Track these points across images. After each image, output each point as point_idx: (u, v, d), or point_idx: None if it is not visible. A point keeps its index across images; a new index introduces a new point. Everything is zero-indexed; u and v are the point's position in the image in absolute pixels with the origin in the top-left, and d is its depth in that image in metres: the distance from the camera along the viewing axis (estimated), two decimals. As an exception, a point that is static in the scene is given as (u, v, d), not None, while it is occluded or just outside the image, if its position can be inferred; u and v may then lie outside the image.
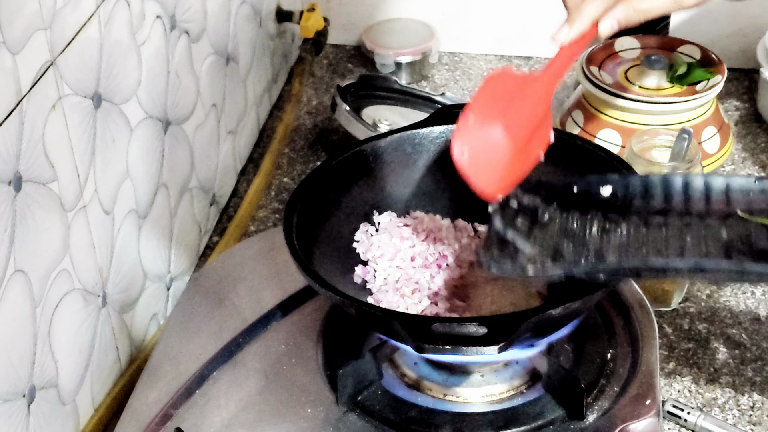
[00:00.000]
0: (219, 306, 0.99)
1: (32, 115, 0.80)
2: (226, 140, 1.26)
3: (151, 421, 0.87)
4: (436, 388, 0.88)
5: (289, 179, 1.31)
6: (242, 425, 0.86)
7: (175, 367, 0.92)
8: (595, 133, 1.21)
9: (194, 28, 1.13)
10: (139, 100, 0.99)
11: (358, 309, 0.82)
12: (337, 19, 1.58)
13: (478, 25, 1.53)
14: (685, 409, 0.95)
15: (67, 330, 0.88)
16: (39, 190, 0.82)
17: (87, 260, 0.91)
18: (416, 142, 0.99)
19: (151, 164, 1.03)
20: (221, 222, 1.25)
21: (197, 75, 1.14)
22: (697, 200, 0.85)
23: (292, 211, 0.89)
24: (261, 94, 1.40)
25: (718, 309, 1.09)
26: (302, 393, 0.88)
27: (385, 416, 0.86)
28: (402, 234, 0.96)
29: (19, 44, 0.77)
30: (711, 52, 1.25)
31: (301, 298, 0.98)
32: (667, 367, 1.02)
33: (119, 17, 0.93)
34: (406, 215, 0.99)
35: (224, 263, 1.05)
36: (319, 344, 0.93)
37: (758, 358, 1.03)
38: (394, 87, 1.38)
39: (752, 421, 0.96)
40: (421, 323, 0.79)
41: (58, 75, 0.83)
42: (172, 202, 1.09)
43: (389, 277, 0.93)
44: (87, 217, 0.90)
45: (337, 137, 1.39)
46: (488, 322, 0.78)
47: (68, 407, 0.89)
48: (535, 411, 0.86)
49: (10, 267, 0.78)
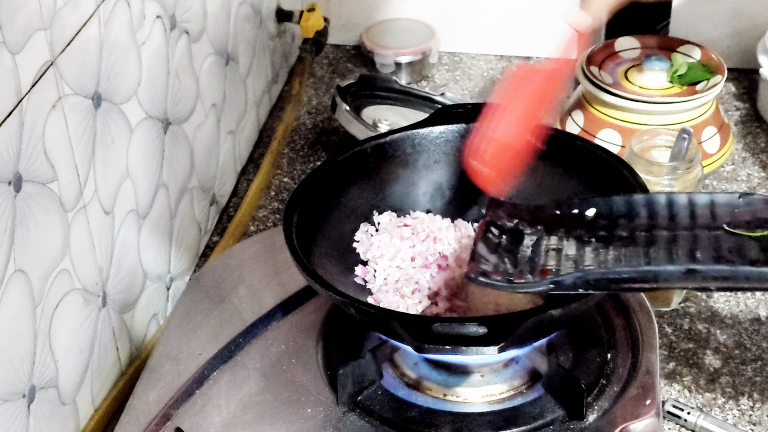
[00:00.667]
0: (219, 306, 0.99)
1: (32, 115, 0.80)
2: (226, 140, 1.26)
3: (151, 421, 0.87)
4: (436, 388, 0.88)
5: (289, 179, 1.31)
6: (242, 425, 0.86)
7: (175, 367, 0.92)
8: (595, 133, 1.21)
9: (194, 28, 1.13)
10: (139, 100, 0.99)
11: (358, 309, 0.82)
12: (337, 19, 1.58)
13: (478, 25, 1.53)
14: (685, 409, 0.95)
15: (67, 330, 0.88)
16: (39, 190, 0.82)
17: (87, 260, 0.91)
18: (416, 142, 0.99)
19: (151, 164, 1.03)
20: (221, 222, 1.25)
21: (197, 75, 1.14)
22: (682, 217, 0.85)
23: (292, 211, 0.89)
24: (261, 94, 1.40)
25: (718, 309, 1.09)
26: (302, 393, 0.88)
27: (385, 416, 0.86)
28: (402, 234, 0.96)
29: (19, 44, 0.77)
30: (711, 52, 1.25)
31: (301, 298, 0.98)
32: (667, 367, 1.02)
33: (119, 17, 0.93)
34: (406, 215, 0.99)
35: (224, 263, 1.05)
36: (319, 344, 0.93)
37: (758, 358, 1.03)
38: (394, 87, 1.37)
39: (752, 421, 0.96)
40: (421, 323, 0.79)
41: (58, 75, 0.83)
42: (172, 202, 1.09)
43: (389, 277, 0.93)
44: (87, 217, 0.90)
45: (337, 137, 1.39)
46: (488, 322, 0.78)
47: (68, 407, 0.89)
48: (535, 411, 0.86)
49: (10, 267, 0.78)
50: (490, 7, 1.52)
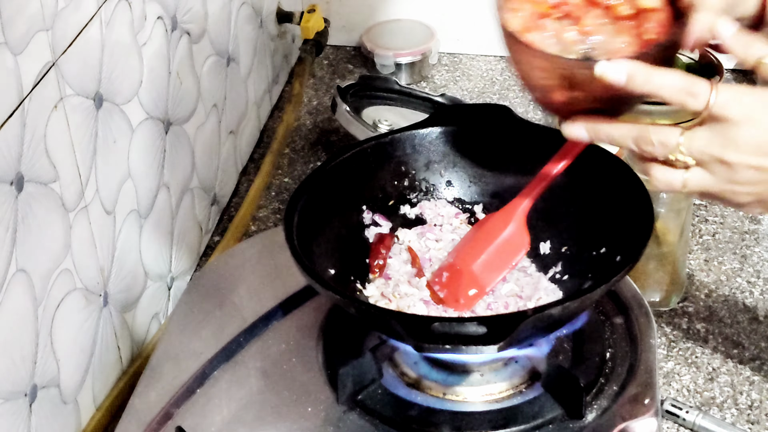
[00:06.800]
0: (220, 305, 0.99)
1: (34, 116, 0.80)
2: (227, 140, 1.26)
3: (152, 420, 0.88)
4: (435, 387, 0.89)
5: (289, 179, 1.32)
6: (243, 424, 0.86)
7: (176, 366, 0.93)
8: (595, 134, 1.21)
9: (195, 28, 1.13)
10: (140, 100, 0.99)
11: (358, 309, 0.83)
12: (338, 20, 1.58)
13: (478, 25, 1.53)
14: (683, 408, 0.95)
15: (69, 329, 0.88)
16: (41, 190, 0.82)
17: (88, 260, 0.91)
18: (416, 142, 0.99)
19: (152, 164, 1.03)
20: (222, 222, 1.25)
21: (198, 75, 1.15)
22: None
23: (293, 211, 0.89)
24: (262, 94, 1.40)
25: (716, 308, 1.09)
26: (303, 392, 0.89)
27: (385, 415, 0.86)
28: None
29: (21, 45, 0.78)
30: (710, 53, 1.25)
31: (302, 297, 0.98)
32: (665, 367, 1.02)
33: (120, 18, 0.94)
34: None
35: (225, 263, 1.06)
36: (319, 343, 0.94)
37: (756, 357, 1.03)
38: (394, 88, 1.38)
39: (750, 420, 0.97)
40: (421, 323, 0.80)
41: (59, 75, 0.83)
42: (173, 202, 1.09)
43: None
44: (88, 217, 0.90)
45: (337, 137, 1.39)
46: (488, 321, 0.78)
47: (70, 406, 0.90)
48: (534, 410, 0.86)
49: (12, 267, 0.78)
50: (489, 8, 1.52)
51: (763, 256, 1.16)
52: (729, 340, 1.05)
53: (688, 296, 1.10)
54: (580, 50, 0.83)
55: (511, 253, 0.92)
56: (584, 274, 0.91)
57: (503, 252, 0.92)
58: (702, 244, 1.18)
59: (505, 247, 0.92)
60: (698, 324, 1.07)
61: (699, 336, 1.06)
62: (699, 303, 1.10)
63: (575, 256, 0.94)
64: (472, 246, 0.93)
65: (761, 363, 1.02)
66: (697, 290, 1.11)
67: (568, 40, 0.83)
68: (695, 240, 1.18)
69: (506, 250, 0.92)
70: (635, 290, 0.98)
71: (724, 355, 1.03)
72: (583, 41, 0.83)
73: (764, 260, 1.15)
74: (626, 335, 0.93)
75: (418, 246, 0.97)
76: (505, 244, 0.92)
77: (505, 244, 0.92)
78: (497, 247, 0.92)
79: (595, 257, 0.91)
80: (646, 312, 0.95)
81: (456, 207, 1.00)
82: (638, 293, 0.97)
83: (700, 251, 1.17)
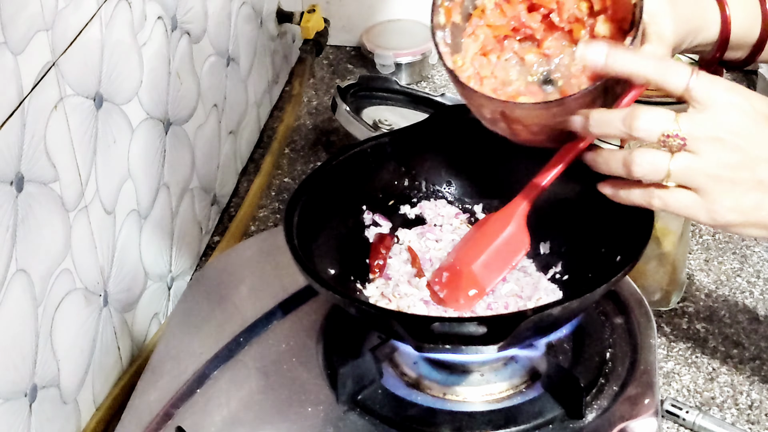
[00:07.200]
0: (220, 305, 0.99)
1: (34, 116, 0.80)
2: (227, 140, 1.26)
3: (152, 420, 0.88)
4: (435, 387, 0.89)
5: (289, 179, 1.32)
6: (243, 424, 0.86)
7: (176, 366, 0.93)
8: (595, 134, 1.21)
9: (195, 28, 1.13)
10: (140, 100, 0.99)
11: (358, 309, 0.83)
12: (338, 20, 1.58)
13: (478, 25, 1.53)
14: (683, 408, 0.95)
15: (69, 329, 0.88)
16: (41, 190, 0.82)
17: (88, 260, 0.91)
18: (416, 143, 0.99)
19: (152, 164, 1.04)
20: (222, 222, 1.25)
21: (198, 75, 1.15)
22: None
23: (293, 211, 0.89)
24: (262, 94, 1.40)
25: (716, 308, 1.09)
26: (303, 392, 0.89)
27: (385, 415, 0.86)
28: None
29: (21, 45, 0.78)
30: (710, 53, 1.25)
31: (302, 297, 0.98)
32: (665, 367, 1.02)
33: (120, 18, 0.94)
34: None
35: (225, 263, 1.06)
36: (319, 343, 0.94)
37: (756, 357, 1.03)
38: (394, 88, 1.38)
39: (750, 420, 0.97)
40: (421, 323, 0.80)
41: (59, 75, 0.83)
42: (173, 202, 1.10)
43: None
44: (88, 217, 0.90)
45: (337, 137, 1.39)
46: (488, 321, 0.78)
47: (70, 406, 0.90)
48: (534, 410, 0.86)
49: (12, 267, 0.78)
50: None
51: (763, 256, 1.16)
52: (729, 340, 1.05)
53: (688, 296, 1.10)
54: (541, 72, 0.87)
55: (511, 253, 0.92)
56: (584, 275, 0.91)
57: (503, 252, 0.92)
58: (702, 244, 1.18)
59: (505, 247, 0.91)
60: (698, 324, 1.07)
61: (699, 336, 1.06)
62: (699, 303, 1.10)
63: (575, 256, 0.94)
64: (472, 246, 0.93)
65: (761, 363, 1.02)
66: (697, 290, 1.11)
67: (529, 63, 0.87)
68: (695, 240, 1.18)
69: (506, 250, 0.92)
70: (635, 290, 0.98)
71: (724, 355, 1.03)
72: (543, 63, 0.86)
73: (764, 260, 1.15)
74: (626, 335, 0.93)
75: (418, 246, 0.97)
76: (505, 244, 0.91)
77: (505, 244, 0.91)
78: (497, 247, 0.92)
79: (595, 257, 0.91)
80: (646, 312, 0.95)
81: (456, 207, 1.00)
82: (638, 293, 0.97)
83: (700, 251, 1.17)
